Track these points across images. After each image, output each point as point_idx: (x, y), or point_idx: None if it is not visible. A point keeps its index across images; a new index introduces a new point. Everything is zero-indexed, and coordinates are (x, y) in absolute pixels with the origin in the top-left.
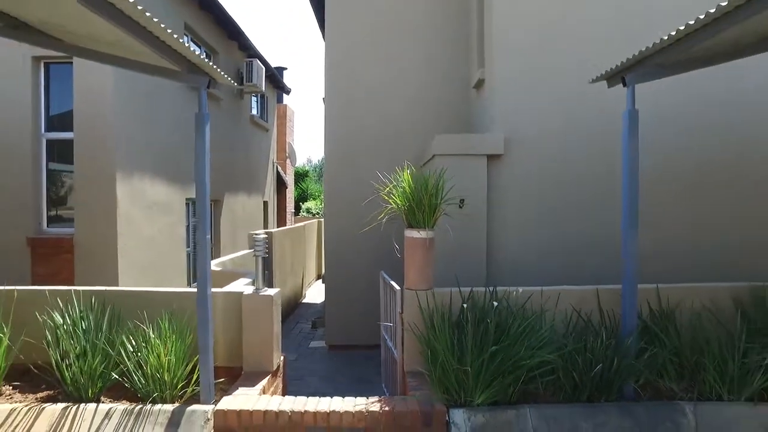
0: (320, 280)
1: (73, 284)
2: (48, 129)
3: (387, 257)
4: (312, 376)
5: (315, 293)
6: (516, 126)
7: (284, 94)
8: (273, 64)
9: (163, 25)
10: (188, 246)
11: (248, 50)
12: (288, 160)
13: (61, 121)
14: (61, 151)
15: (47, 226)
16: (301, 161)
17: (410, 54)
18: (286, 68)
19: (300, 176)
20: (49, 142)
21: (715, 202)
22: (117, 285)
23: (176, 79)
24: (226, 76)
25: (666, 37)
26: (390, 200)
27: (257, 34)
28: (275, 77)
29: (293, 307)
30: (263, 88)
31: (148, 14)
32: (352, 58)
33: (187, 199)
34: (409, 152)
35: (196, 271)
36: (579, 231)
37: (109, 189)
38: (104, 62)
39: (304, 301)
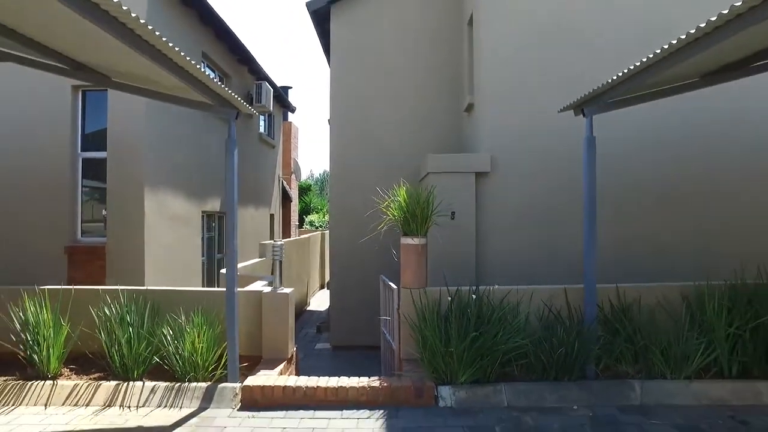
0: (323, 290)
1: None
2: (83, 149)
3: (385, 264)
4: (318, 371)
5: (318, 302)
6: (501, 146)
7: (289, 112)
8: (278, 82)
9: (204, 71)
10: (203, 255)
11: (257, 73)
12: (293, 175)
13: (94, 141)
14: (93, 168)
15: (81, 236)
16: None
17: (408, 82)
18: (291, 87)
19: (303, 190)
20: (84, 161)
21: (672, 215)
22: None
23: (210, 111)
24: (248, 106)
25: (614, 78)
26: (388, 212)
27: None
28: (281, 97)
29: (299, 313)
30: (271, 108)
31: (193, 62)
32: (355, 88)
33: (202, 211)
34: (406, 170)
35: (210, 277)
36: (555, 236)
37: (138, 203)
38: (150, 97)
39: (309, 308)
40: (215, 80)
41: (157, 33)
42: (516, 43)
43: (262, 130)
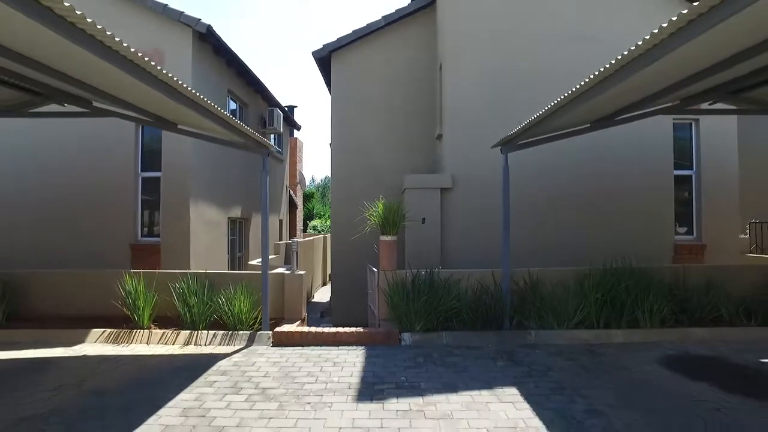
0: (325, 286)
1: None
2: (142, 170)
3: (371, 256)
4: None
5: (321, 296)
6: (460, 168)
7: (295, 130)
8: (285, 100)
9: (246, 126)
10: (228, 252)
11: (269, 100)
12: (298, 185)
13: (149, 163)
14: (149, 185)
15: (141, 237)
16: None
17: (393, 114)
18: (296, 106)
19: (307, 197)
20: (143, 179)
21: (574, 219)
22: None
23: (248, 150)
24: (274, 146)
25: (516, 129)
26: (371, 218)
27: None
28: (289, 118)
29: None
30: (281, 130)
31: (239, 122)
32: (350, 119)
33: (228, 218)
34: (391, 184)
35: (233, 268)
36: (495, 235)
37: (185, 212)
38: (206, 140)
39: (313, 300)
40: (253, 131)
41: (217, 107)
42: (472, 87)
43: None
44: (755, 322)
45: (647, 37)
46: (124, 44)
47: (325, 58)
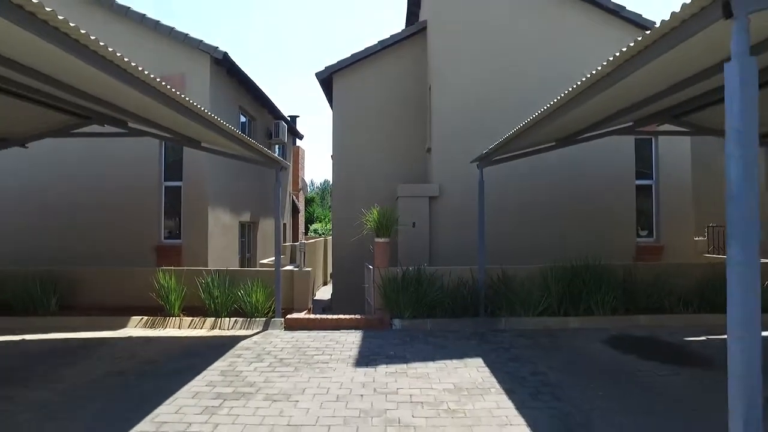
0: (325, 286)
1: None
2: (165, 180)
3: (367, 255)
4: None
5: (322, 294)
6: (445, 178)
7: (297, 139)
8: (288, 110)
9: (262, 146)
10: (239, 253)
11: (274, 113)
12: (301, 191)
13: (171, 173)
14: (171, 193)
15: (164, 239)
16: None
17: (388, 129)
18: (298, 116)
19: (308, 202)
20: (166, 188)
21: (542, 226)
22: None
23: (262, 165)
24: (284, 161)
25: (491, 147)
26: (367, 222)
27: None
28: (292, 128)
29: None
30: (286, 141)
31: (255, 142)
32: (350, 133)
33: (239, 222)
34: (386, 192)
35: (247, 267)
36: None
37: (203, 217)
38: (225, 156)
39: (315, 298)
40: (269, 151)
41: (237, 131)
42: (457, 107)
43: (278, 156)
44: (691, 310)
45: (593, 72)
46: (163, 84)
47: (326, 79)
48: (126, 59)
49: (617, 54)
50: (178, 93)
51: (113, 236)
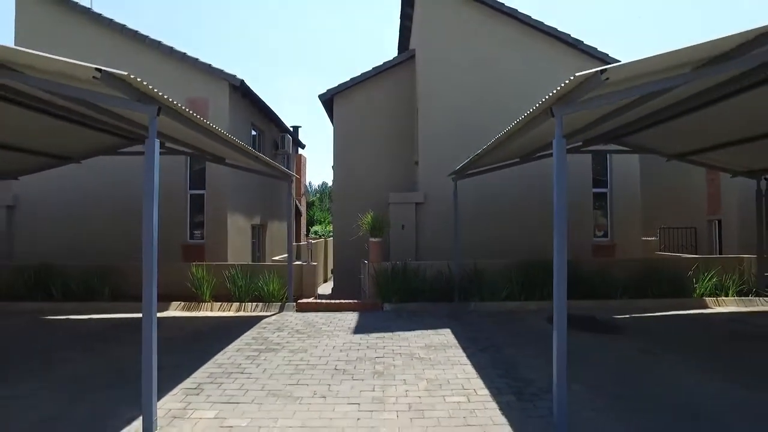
0: (326, 283)
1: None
2: (190, 188)
3: (363, 252)
4: None
5: (322, 290)
6: (429, 187)
7: (300, 148)
8: (291, 120)
9: (278, 164)
10: (251, 252)
11: (280, 127)
12: (303, 196)
13: (195, 182)
14: (196, 200)
15: (190, 239)
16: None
17: (382, 143)
18: (300, 126)
19: (308, 205)
20: (191, 195)
21: (512, 228)
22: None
23: (276, 179)
24: (292, 173)
25: (463, 163)
26: (363, 225)
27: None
28: (295, 138)
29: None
30: (291, 152)
31: (271, 161)
32: (349, 147)
33: (251, 224)
34: (379, 199)
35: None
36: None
37: (224, 221)
38: (245, 171)
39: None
40: (283, 167)
41: (259, 154)
42: (440, 127)
43: (283, 164)
44: (627, 296)
45: (509, 127)
46: (200, 118)
47: (328, 99)
48: (223, 132)
49: (514, 123)
50: (227, 134)
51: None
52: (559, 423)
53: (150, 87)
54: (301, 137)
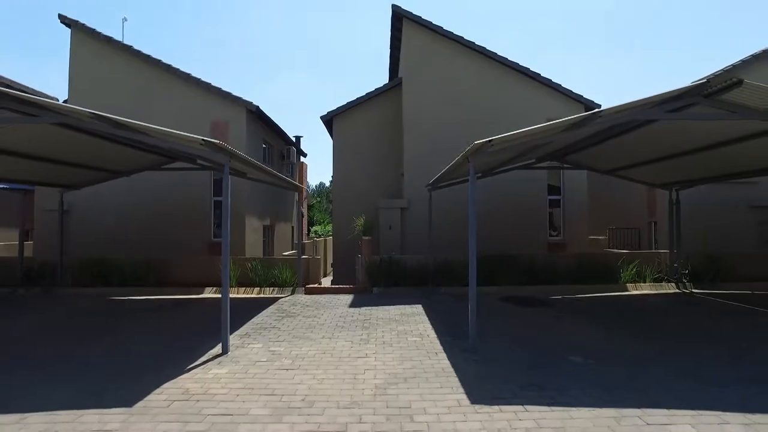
0: (325, 277)
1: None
2: (214, 195)
3: (357, 248)
4: None
5: (324, 283)
6: (413, 196)
7: (302, 156)
8: (293, 130)
9: (290, 179)
10: (262, 249)
11: (286, 140)
12: (305, 200)
13: (217, 189)
14: (218, 205)
15: (213, 238)
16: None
17: (374, 157)
18: (302, 136)
19: (309, 207)
20: (214, 201)
21: (481, 228)
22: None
23: (287, 190)
24: (300, 184)
25: (436, 177)
26: (357, 226)
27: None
28: (298, 149)
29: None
30: (295, 162)
31: (282, 176)
32: (345, 161)
33: (263, 225)
34: (370, 204)
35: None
36: (432, 235)
37: (242, 222)
38: (264, 183)
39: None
40: (294, 181)
41: (276, 173)
42: (422, 145)
43: (288, 173)
44: (566, 282)
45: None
46: (251, 159)
47: (329, 120)
48: (257, 162)
49: (456, 159)
50: (259, 163)
51: (180, 235)
52: (472, 345)
53: (227, 146)
54: (304, 138)
